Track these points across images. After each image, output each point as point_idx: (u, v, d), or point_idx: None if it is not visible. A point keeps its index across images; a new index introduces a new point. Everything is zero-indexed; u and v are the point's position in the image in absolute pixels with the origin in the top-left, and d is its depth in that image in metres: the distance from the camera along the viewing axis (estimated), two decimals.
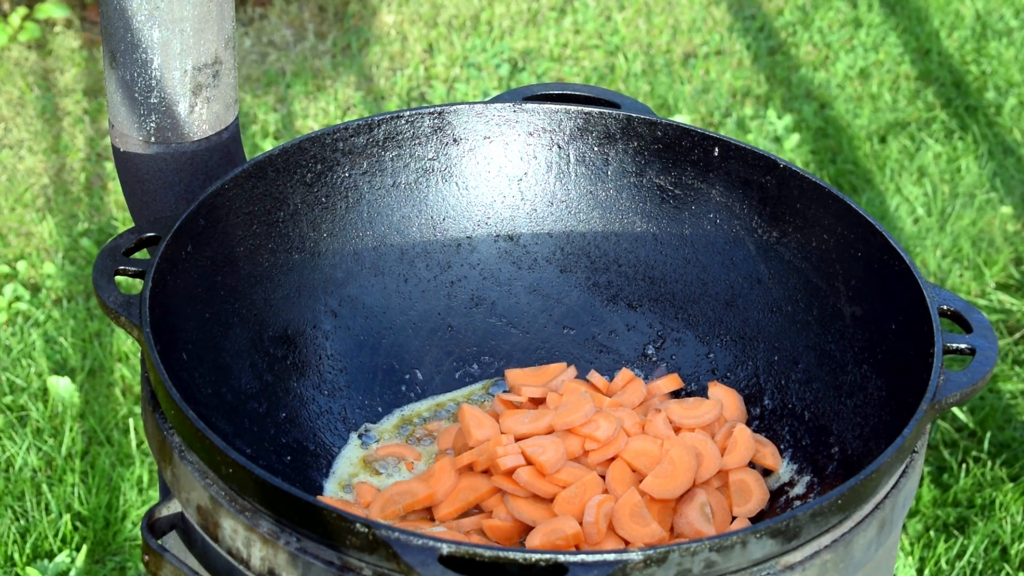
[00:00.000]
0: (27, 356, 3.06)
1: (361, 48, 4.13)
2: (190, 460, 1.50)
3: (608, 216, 1.93)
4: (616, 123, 1.90)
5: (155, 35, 1.82)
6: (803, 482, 1.75)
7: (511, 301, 1.95)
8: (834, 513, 1.44)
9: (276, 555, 1.42)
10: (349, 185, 1.87)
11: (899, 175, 3.70)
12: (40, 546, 2.67)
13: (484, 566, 1.33)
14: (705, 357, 1.89)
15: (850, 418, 1.74)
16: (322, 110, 3.87)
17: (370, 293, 1.90)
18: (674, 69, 4.09)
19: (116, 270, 1.67)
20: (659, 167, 1.90)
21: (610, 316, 1.94)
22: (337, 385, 1.85)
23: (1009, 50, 4.19)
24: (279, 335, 1.81)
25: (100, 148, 3.69)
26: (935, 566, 2.69)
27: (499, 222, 1.94)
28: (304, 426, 1.80)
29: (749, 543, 1.39)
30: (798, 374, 1.82)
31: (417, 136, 1.90)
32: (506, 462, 1.71)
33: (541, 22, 4.27)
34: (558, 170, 1.93)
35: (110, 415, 2.93)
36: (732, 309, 1.88)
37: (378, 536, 1.35)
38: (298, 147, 1.82)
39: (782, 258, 1.84)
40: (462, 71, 4.06)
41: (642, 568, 1.34)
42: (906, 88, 4.04)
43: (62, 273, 3.28)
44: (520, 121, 1.92)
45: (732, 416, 1.82)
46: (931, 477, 2.86)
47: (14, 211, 3.47)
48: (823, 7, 4.36)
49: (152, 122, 1.87)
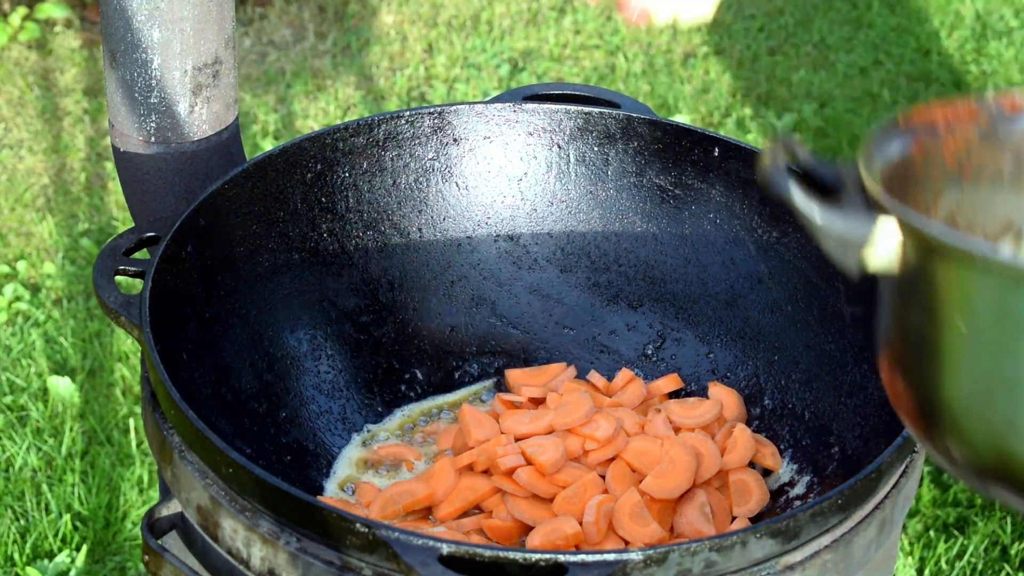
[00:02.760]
0: (27, 356, 3.06)
1: (361, 48, 4.13)
2: (190, 460, 1.50)
3: (608, 216, 1.93)
4: (616, 123, 1.90)
5: (155, 35, 1.82)
6: (803, 482, 1.75)
7: (511, 301, 1.95)
8: (834, 513, 1.44)
9: (276, 555, 1.42)
10: (349, 185, 1.87)
11: None
12: (40, 546, 2.67)
13: (484, 566, 1.33)
14: (705, 357, 1.89)
15: (850, 418, 1.74)
16: (322, 110, 3.87)
17: (370, 293, 1.90)
18: (674, 69, 4.09)
19: (116, 270, 1.67)
20: (659, 167, 1.90)
21: (610, 316, 1.94)
22: (337, 385, 1.85)
23: (1009, 50, 4.19)
24: (279, 335, 1.81)
25: (100, 148, 3.69)
26: (935, 566, 2.69)
27: (499, 222, 1.94)
28: (304, 426, 1.80)
29: (749, 543, 1.39)
30: (798, 374, 1.82)
31: (417, 136, 1.90)
32: (506, 462, 1.71)
33: (541, 22, 4.27)
34: (558, 170, 1.93)
35: (110, 415, 2.93)
36: (732, 309, 1.88)
37: (378, 536, 1.35)
38: (298, 147, 1.82)
39: (782, 258, 1.84)
40: (462, 71, 4.06)
41: (642, 568, 1.34)
42: (906, 88, 4.04)
43: (62, 273, 3.28)
44: (520, 121, 1.92)
45: (732, 416, 1.82)
46: (931, 477, 2.86)
47: (14, 211, 3.47)
48: (823, 7, 4.36)
49: (152, 122, 1.87)
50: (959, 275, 0.92)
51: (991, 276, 0.90)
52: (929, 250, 0.95)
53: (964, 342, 0.94)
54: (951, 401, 0.96)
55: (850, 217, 1.00)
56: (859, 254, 0.99)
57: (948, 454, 0.98)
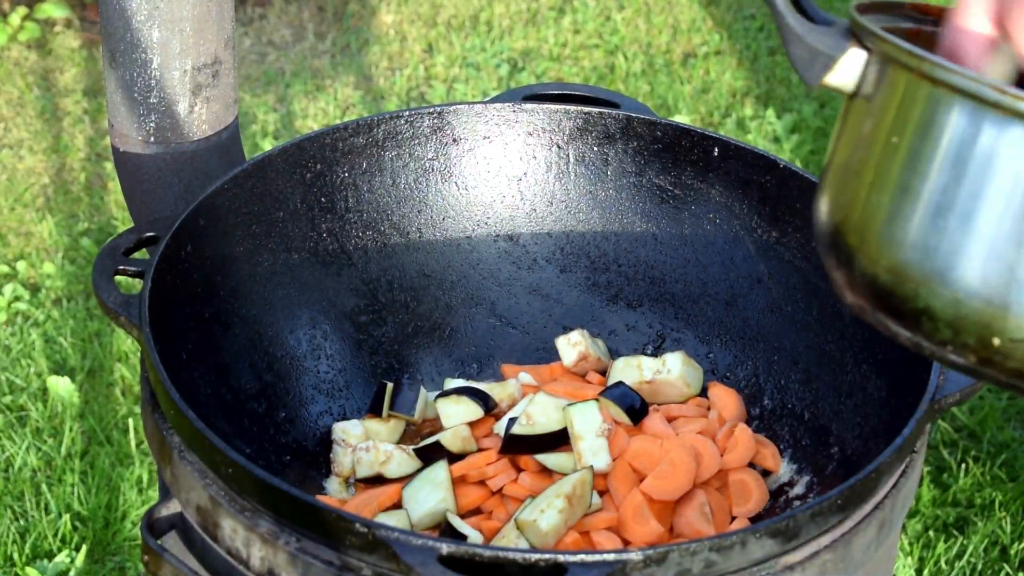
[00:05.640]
0: (27, 356, 3.06)
1: (360, 48, 4.13)
2: (190, 460, 1.50)
3: (608, 216, 1.93)
4: (616, 123, 1.90)
5: (155, 35, 1.82)
6: (803, 482, 1.75)
7: (511, 301, 1.95)
8: (834, 513, 1.44)
9: (276, 555, 1.42)
10: (349, 185, 1.87)
11: None
12: (40, 546, 2.67)
13: (484, 566, 1.33)
14: (705, 357, 1.89)
15: (850, 418, 1.74)
16: (321, 110, 3.87)
17: (370, 293, 1.90)
18: (674, 69, 4.09)
19: (116, 270, 1.67)
20: (659, 167, 1.90)
21: (610, 316, 1.94)
22: (337, 385, 1.85)
23: None
24: (279, 335, 1.81)
25: (100, 148, 3.69)
26: (935, 566, 2.69)
27: (499, 222, 1.94)
28: (304, 426, 1.80)
29: (749, 543, 1.39)
30: (798, 374, 1.82)
31: (417, 136, 1.90)
32: (496, 482, 1.72)
33: (540, 22, 4.27)
34: (558, 170, 1.93)
35: (110, 415, 2.93)
36: (732, 309, 1.88)
37: (378, 536, 1.35)
38: (298, 147, 1.82)
39: (782, 258, 1.84)
40: (461, 71, 4.06)
41: (642, 568, 1.34)
42: None
43: (62, 273, 3.28)
44: (520, 121, 1.92)
45: (732, 416, 1.82)
46: (931, 477, 2.86)
47: (14, 211, 3.47)
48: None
49: (152, 122, 1.87)
50: (909, 89, 1.03)
51: (933, 88, 1.01)
52: (892, 66, 1.05)
53: (891, 155, 1.04)
54: (862, 216, 1.05)
55: (827, 35, 1.10)
56: (823, 69, 1.10)
57: (850, 275, 1.07)
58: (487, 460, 1.74)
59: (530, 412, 1.73)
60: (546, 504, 1.62)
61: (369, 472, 1.75)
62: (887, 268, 1.04)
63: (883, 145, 1.05)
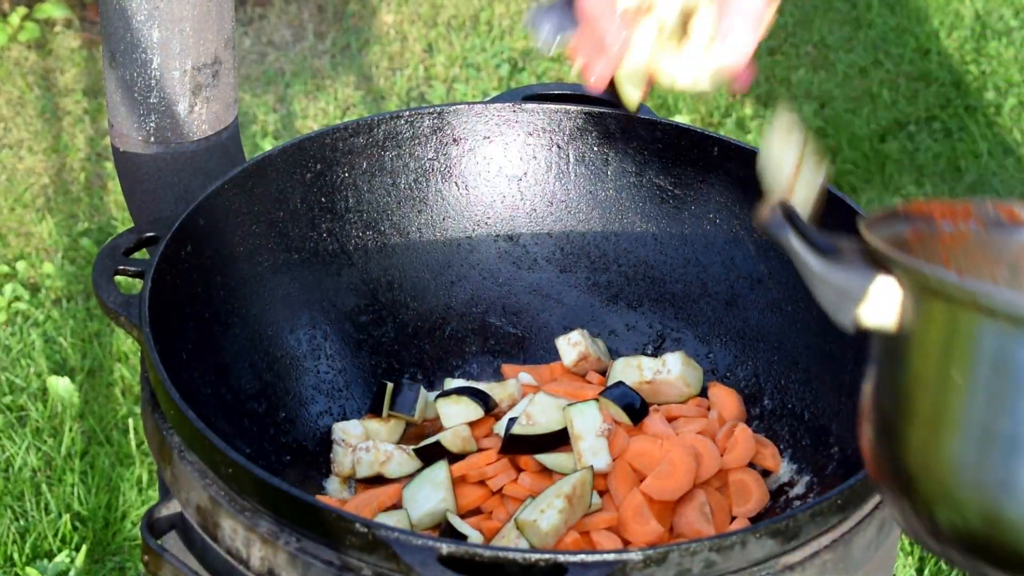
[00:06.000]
0: (27, 356, 3.06)
1: (360, 48, 4.13)
2: (190, 460, 1.50)
3: (608, 216, 1.93)
4: (616, 123, 1.90)
5: (155, 35, 1.82)
6: (803, 482, 1.75)
7: (511, 301, 1.95)
8: (834, 513, 1.44)
9: (276, 555, 1.42)
10: (349, 185, 1.87)
11: (899, 175, 3.70)
12: (39, 546, 2.67)
13: (484, 566, 1.33)
14: (705, 357, 1.89)
15: (850, 418, 1.73)
16: (322, 110, 3.87)
17: (370, 293, 1.90)
18: None
19: (116, 270, 1.67)
20: (659, 167, 1.90)
21: (610, 316, 1.94)
22: (337, 385, 1.85)
23: (1009, 50, 4.19)
24: (279, 335, 1.81)
25: (100, 148, 3.69)
26: (935, 566, 2.69)
27: (499, 222, 1.94)
28: (304, 426, 1.80)
29: (749, 543, 1.39)
30: (798, 374, 1.82)
31: (417, 136, 1.90)
32: (496, 482, 1.72)
33: None
34: (558, 170, 1.93)
35: (110, 415, 2.93)
36: (732, 309, 1.88)
37: (378, 536, 1.35)
38: (298, 147, 1.82)
39: (782, 258, 1.84)
40: (462, 71, 4.06)
41: (642, 568, 1.34)
42: (906, 88, 4.04)
43: (61, 273, 3.28)
44: (520, 121, 1.92)
45: (732, 416, 1.82)
46: None
47: (14, 211, 3.47)
48: (823, 7, 4.36)
49: (152, 122, 1.87)
50: (960, 323, 0.91)
51: (994, 321, 0.89)
52: (930, 298, 0.93)
53: (958, 396, 0.91)
54: (940, 462, 0.93)
55: (849, 270, 1.01)
56: (855, 308, 1.00)
57: (933, 524, 0.95)
58: (487, 460, 1.74)
59: (530, 412, 1.73)
60: (546, 504, 1.62)
61: (369, 472, 1.75)
62: (980, 516, 0.91)
63: (945, 384, 0.91)
